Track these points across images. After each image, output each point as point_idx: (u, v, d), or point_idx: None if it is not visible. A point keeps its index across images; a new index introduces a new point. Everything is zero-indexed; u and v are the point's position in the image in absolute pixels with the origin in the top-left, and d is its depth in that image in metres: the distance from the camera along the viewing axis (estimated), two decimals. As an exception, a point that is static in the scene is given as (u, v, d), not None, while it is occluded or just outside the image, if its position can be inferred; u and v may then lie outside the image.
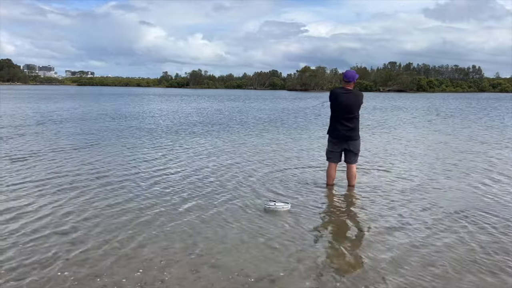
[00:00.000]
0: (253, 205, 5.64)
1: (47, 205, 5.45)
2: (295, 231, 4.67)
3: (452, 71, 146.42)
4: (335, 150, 6.55)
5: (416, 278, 3.58)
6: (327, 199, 6.13)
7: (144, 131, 14.36)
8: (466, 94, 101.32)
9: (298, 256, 4.00)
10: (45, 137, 12.06)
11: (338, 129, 6.43)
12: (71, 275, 3.52)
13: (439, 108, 32.88)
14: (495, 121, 20.75)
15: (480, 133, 14.95)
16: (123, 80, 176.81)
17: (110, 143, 11.14)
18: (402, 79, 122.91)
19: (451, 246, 4.31)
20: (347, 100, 6.30)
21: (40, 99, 39.15)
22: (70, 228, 4.63)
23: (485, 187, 6.81)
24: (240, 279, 3.50)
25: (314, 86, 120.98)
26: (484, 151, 10.72)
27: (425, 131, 15.60)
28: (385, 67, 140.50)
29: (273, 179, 7.17)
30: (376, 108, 31.07)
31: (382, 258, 3.97)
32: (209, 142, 11.81)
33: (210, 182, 6.92)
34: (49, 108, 25.84)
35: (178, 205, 5.58)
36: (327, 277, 3.60)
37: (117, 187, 6.44)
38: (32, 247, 4.09)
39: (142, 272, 3.60)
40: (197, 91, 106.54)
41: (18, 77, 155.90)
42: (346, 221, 5.15)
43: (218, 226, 4.78)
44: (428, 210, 5.51)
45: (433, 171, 8.10)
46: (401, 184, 6.97)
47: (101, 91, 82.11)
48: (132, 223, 4.82)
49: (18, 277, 3.49)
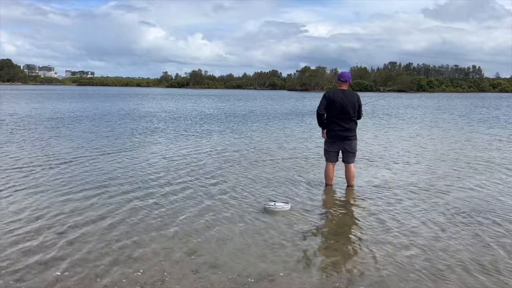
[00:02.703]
0: (253, 205, 5.64)
1: (47, 205, 5.46)
2: (295, 231, 4.67)
3: (452, 71, 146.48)
4: (331, 150, 6.60)
5: (416, 278, 3.58)
6: (327, 199, 6.13)
7: (148, 130, 14.37)
8: (466, 94, 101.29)
9: (298, 256, 4.00)
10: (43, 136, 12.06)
11: (333, 130, 6.49)
12: (71, 275, 3.52)
13: (454, 108, 32.88)
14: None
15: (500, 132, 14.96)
16: (123, 80, 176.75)
17: (108, 142, 11.16)
18: (402, 79, 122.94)
19: (451, 246, 4.31)
20: (342, 100, 6.35)
21: (50, 99, 39.15)
22: (70, 228, 4.64)
23: (492, 187, 6.82)
24: (240, 279, 3.50)
25: (314, 86, 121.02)
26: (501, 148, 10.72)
27: (429, 130, 15.60)
28: (385, 67, 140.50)
29: (273, 179, 7.18)
30: (409, 107, 31.06)
31: (382, 258, 3.97)
32: (209, 140, 11.82)
33: (210, 182, 6.92)
34: (68, 108, 25.82)
35: (178, 205, 5.58)
36: (327, 277, 3.61)
37: (118, 187, 6.45)
38: (32, 247, 4.09)
39: (142, 272, 3.61)
40: (199, 91, 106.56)
41: (18, 77, 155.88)
42: (346, 221, 5.16)
43: (218, 226, 4.78)
44: (428, 210, 5.52)
45: (437, 170, 8.10)
46: (401, 184, 6.97)
47: (106, 91, 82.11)
48: (132, 223, 4.82)
49: (18, 277, 3.49)
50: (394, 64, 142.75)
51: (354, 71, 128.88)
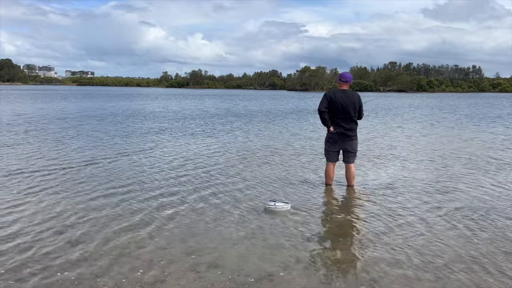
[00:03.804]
0: (254, 205, 5.64)
1: (47, 205, 5.45)
2: (295, 231, 4.67)
3: (452, 71, 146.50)
4: (332, 149, 6.62)
5: (416, 278, 3.58)
6: (327, 199, 6.13)
7: (154, 131, 14.36)
8: (466, 94, 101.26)
9: (298, 256, 4.00)
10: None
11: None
12: (71, 275, 3.52)
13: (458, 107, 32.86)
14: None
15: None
16: (123, 80, 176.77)
17: (107, 140, 11.16)
18: (402, 79, 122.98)
19: (452, 246, 4.30)
20: (343, 101, 6.36)
21: (55, 99, 39.18)
22: (70, 228, 4.63)
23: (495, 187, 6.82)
24: (240, 279, 3.50)
25: (314, 86, 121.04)
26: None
27: (431, 129, 15.59)
28: (385, 67, 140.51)
29: (273, 179, 7.18)
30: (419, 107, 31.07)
31: (382, 258, 3.97)
32: (212, 140, 11.82)
33: (210, 182, 6.92)
34: (75, 108, 25.81)
35: (178, 205, 5.58)
36: (327, 276, 3.60)
37: (117, 188, 6.44)
38: (32, 247, 4.09)
39: (142, 272, 3.60)
40: (200, 91, 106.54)
41: (18, 77, 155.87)
42: (346, 221, 5.15)
43: (218, 226, 4.78)
44: (429, 210, 5.51)
45: (439, 170, 8.10)
46: (402, 183, 6.97)
47: (108, 91, 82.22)
48: (132, 223, 4.82)
49: (18, 277, 3.49)
50: (394, 64, 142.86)
51: (354, 71, 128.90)
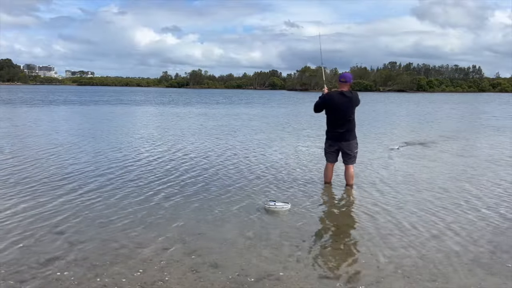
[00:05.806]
0: (253, 205, 5.64)
1: (47, 205, 5.45)
2: (295, 231, 4.67)
3: (452, 71, 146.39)
4: (330, 150, 6.67)
5: (417, 278, 3.58)
6: (327, 199, 6.13)
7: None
8: (466, 94, 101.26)
9: (298, 256, 4.00)
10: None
11: (332, 131, 6.55)
12: (71, 275, 3.52)
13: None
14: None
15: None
16: (123, 80, 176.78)
17: (105, 139, 11.16)
18: (402, 79, 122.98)
19: (453, 246, 4.30)
20: (343, 103, 6.39)
21: (64, 100, 39.05)
22: (69, 228, 4.63)
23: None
24: (240, 279, 3.50)
25: (314, 86, 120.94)
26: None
27: (431, 130, 15.59)
28: (385, 67, 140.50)
29: (273, 179, 7.18)
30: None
31: (382, 258, 3.97)
32: (210, 141, 11.82)
33: (210, 182, 6.92)
34: (88, 108, 25.80)
35: (178, 205, 5.58)
36: (327, 276, 3.60)
37: (117, 188, 6.45)
38: (32, 247, 4.09)
39: (142, 272, 3.60)
40: (200, 90, 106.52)
41: (18, 77, 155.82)
42: (346, 220, 5.16)
43: (218, 226, 4.78)
44: (429, 209, 5.51)
45: (440, 169, 8.10)
46: (402, 183, 6.97)
47: (110, 91, 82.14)
48: (132, 223, 4.82)
49: (18, 277, 3.49)
50: (394, 64, 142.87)
51: (354, 71, 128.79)
